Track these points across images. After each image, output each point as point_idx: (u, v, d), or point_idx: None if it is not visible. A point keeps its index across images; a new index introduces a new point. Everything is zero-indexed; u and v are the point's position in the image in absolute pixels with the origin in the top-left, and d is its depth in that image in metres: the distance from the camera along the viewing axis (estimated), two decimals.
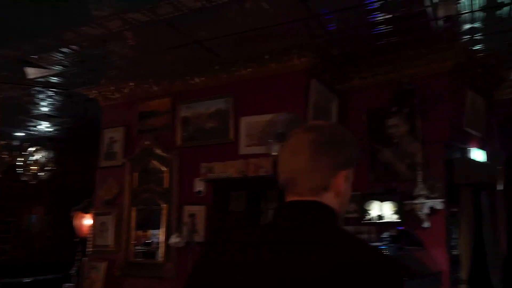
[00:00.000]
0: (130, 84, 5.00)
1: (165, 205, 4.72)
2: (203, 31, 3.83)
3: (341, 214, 1.16)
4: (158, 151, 4.80)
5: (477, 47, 4.06)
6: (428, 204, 4.26)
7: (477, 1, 3.19)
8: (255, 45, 4.11)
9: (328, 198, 1.11)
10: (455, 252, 4.41)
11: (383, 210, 4.48)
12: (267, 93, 4.29)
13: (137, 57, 4.36)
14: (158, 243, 4.70)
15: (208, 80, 4.61)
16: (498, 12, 3.33)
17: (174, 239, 4.37)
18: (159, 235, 4.70)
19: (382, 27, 3.70)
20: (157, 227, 4.73)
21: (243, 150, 4.35)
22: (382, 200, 4.46)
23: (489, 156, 4.94)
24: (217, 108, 4.52)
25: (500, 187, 4.86)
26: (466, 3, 3.23)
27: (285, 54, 4.11)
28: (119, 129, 5.14)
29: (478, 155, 4.80)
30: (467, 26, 3.57)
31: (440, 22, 3.47)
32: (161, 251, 4.66)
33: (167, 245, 4.56)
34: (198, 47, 4.12)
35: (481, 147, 4.86)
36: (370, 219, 4.51)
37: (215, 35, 3.89)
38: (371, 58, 4.31)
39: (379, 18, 3.61)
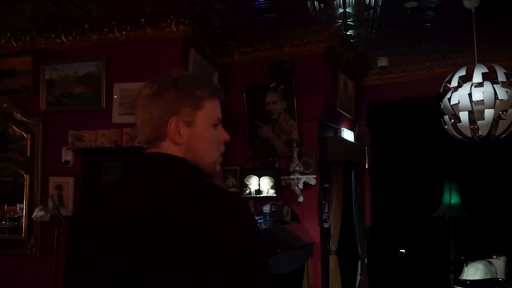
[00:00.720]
0: None
1: (27, 176, 4.31)
2: None
3: (203, 162, 1.09)
4: (18, 116, 4.34)
5: (349, 32, 4.22)
6: (302, 179, 4.41)
7: None
8: (130, 7, 3.81)
9: (168, 148, 1.07)
10: (326, 225, 4.64)
11: (261, 185, 4.55)
12: (143, 59, 4.05)
13: None
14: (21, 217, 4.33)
15: (77, 40, 4.22)
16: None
17: (37, 213, 4.02)
18: (22, 209, 4.32)
19: (262, 1, 3.63)
20: (20, 200, 4.34)
21: (116, 118, 4.12)
22: (260, 175, 4.52)
23: (356, 136, 5.25)
24: (87, 71, 4.17)
25: (366, 165, 5.21)
26: None
27: (163, 20, 3.90)
28: None
29: (348, 135, 5.07)
30: (341, 10, 3.66)
31: (316, 3, 3.50)
32: (23, 227, 4.29)
33: (30, 220, 4.20)
34: (64, 1, 3.69)
35: (351, 128, 5.15)
36: (249, 194, 4.55)
37: None
38: (252, 33, 4.27)
39: None
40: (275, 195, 4.48)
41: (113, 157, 4.43)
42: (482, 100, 3.20)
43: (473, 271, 4.48)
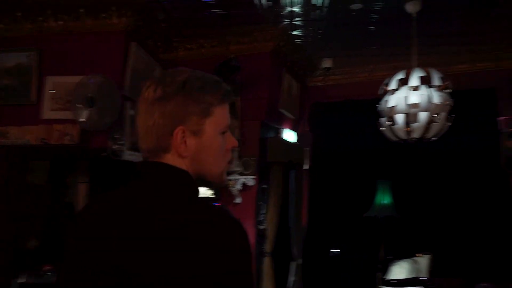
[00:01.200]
0: None
1: None
2: None
3: (211, 175, 1.05)
4: None
5: (296, 32, 4.27)
6: (241, 180, 4.40)
7: None
8: None
9: (172, 161, 1.00)
10: (262, 227, 4.65)
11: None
12: (79, 51, 3.83)
13: None
14: None
15: (7, 28, 3.90)
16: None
17: None
18: None
19: None
20: None
21: (47, 114, 3.85)
22: None
23: (298, 137, 5.35)
24: (17, 62, 3.86)
25: (306, 166, 5.31)
26: None
27: (103, 11, 3.71)
28: None
29: (289, 136, 5.15)
30: (288, 9, 3.70)
31: (263, 1, 3.52)
32: None
33: None
34: None
35: (293, 128, 5.23)
36: None
37: None
38: (198, 29, 4.19)
39: None
40: (214, 196, 4.43)
41: (41, 155, 4.18)
42: (418, 103, 3.39)
43: (399, 270, 4.68)
